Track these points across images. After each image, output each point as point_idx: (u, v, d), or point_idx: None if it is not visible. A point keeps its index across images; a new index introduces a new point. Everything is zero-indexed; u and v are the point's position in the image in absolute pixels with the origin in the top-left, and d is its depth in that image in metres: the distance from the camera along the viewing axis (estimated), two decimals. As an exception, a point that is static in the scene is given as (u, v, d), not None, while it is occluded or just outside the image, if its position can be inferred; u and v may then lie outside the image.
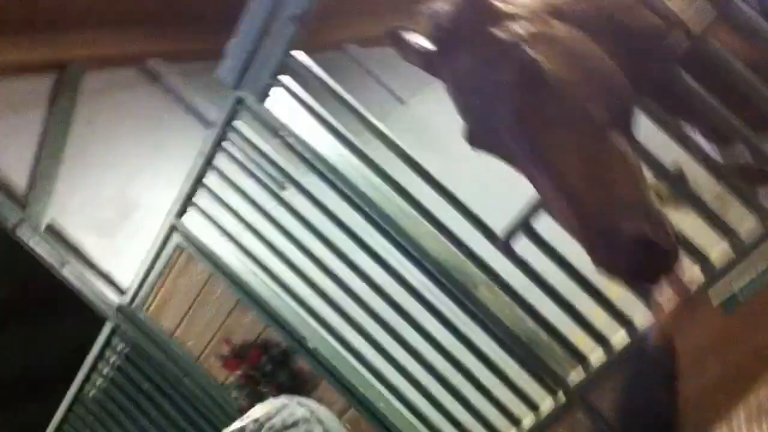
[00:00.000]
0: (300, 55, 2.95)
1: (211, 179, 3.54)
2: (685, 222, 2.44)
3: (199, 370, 4.10)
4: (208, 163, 3.45)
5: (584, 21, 2.16)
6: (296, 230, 3.45)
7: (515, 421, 3.26)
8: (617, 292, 2.79)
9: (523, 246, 2.93)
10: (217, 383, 4.07)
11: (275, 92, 3.15)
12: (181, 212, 3.69)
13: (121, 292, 4.36)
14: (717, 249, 2.52)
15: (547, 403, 3.16)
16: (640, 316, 2.75)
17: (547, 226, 2.78)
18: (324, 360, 3.70)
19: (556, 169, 1.91)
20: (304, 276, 3.55)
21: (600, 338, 2.94)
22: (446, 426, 3.53)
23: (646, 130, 2.39)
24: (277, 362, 3.81)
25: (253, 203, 3.48)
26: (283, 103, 3.16)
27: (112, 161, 4.59)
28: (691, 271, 2.55)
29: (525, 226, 2.86)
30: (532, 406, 3.20)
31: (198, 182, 3.53)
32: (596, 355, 2.97)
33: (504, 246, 2.94)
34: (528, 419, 3.24)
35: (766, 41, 2.19)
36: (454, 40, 2.13)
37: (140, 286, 4.10)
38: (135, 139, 4.54)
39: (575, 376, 3.03)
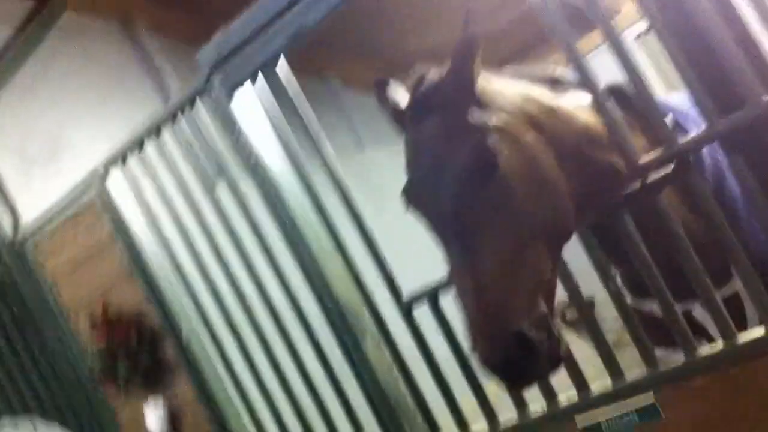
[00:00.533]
0: (283, 65, 3.00)
1: (149, 148, 3.52)
2: (581, 349, 2.56)
3: (67, 324, 4.03)
4: (154, 131, 3.44)
5: (555, 139, 2.29)
6: (213, 226, 3.46)
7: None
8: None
9: (423, 314, 3.02)
10: (79, 344, 4.01)
11: (245, 90, 3.18)
12: (109, 166, 3.65)
13: (16, 224, 4.26)
14: (599, 381, 2.65)
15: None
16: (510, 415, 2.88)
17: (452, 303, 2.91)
18: (192, 358, 3.69)
19: (473, 253, 2.00)
20: (204, 270, 3.56)
21: (461, 424, 3.04)
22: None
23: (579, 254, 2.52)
24: (145, 343, 3.78)
25: (182, 186, 3.48)
26: (247, 104, 3.20)
27: (61, 99, 4.50)
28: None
29: (432, 296, 2.96)
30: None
31: (137, 145, 3.51)
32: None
33: (404, 310, 3.03)
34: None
35: (713, 223, 2.31)
36: (430, 105, 2.23)
37: (40, 223, 4.01)
38: (92, 89, 4.47)
39: (427, 451, 3.12)
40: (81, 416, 4.13)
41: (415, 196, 2.22)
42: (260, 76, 3.09)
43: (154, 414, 3.84)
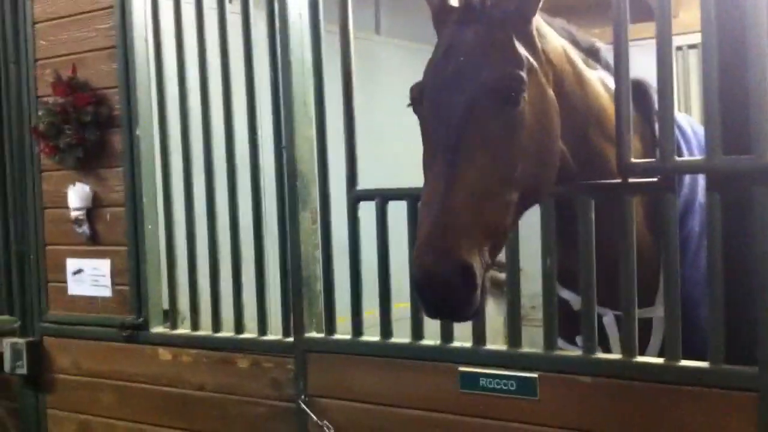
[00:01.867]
0: None
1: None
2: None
3: (33, 72, 3.95)
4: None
5: (569, 107, 2.28)
6: (211, 41, 3.40)
7: (239, 326, 3.40)
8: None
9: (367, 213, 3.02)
10: (35, 92, 3.93)
11: None
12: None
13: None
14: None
15: (273, 336, 3.31)
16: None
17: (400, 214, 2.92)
18: (136, 153, 3.65)
19: (457, 170, 1.97)
20: (183, 76, 3.52)
21: (357, 329, 3.08)
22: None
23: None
24: (98, 119, 3.70)
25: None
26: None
27: None
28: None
29: (382, 199, 2.96)
30: (263, 327, 3.33)
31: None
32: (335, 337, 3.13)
33: (353, 199, 3.02)
34: (250, 333, 3.38)
35: (667, 246, 2.35)
36: (483, 14, 2.18)
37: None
38: None
39: (314, 335, 3.18)
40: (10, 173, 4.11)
41: (426, 93, 2.16)
42: None
43: (77, 195, 3.80)
